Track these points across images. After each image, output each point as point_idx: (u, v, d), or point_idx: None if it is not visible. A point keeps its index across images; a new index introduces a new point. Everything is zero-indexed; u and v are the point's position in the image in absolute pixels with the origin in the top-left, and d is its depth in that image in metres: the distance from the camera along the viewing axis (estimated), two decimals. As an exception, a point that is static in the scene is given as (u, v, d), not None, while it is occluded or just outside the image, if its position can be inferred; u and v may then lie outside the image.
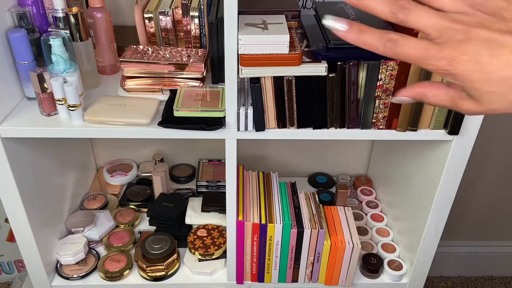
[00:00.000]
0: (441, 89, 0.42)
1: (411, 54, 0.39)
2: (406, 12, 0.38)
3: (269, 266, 1.04)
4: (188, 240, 1.10)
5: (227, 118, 0.83)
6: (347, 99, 0.82)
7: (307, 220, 0.99)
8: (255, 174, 1.12)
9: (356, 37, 0.39)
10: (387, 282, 1.09)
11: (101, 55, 0.98)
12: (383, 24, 0.82)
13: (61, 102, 0.84)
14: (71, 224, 1.11)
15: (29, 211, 0.93)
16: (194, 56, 0.91)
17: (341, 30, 0.40)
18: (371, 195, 1.30)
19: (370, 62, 0.78)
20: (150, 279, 1.06)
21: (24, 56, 0.85)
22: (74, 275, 1.06)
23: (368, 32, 0.39)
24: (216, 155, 1.35)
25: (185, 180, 1.31)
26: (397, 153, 1.14)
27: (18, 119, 0.86)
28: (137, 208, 1.23)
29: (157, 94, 0.92)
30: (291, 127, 0.85)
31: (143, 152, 1.34)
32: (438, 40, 0.38)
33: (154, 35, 0.95)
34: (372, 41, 0.39)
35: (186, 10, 0.91)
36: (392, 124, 0.84)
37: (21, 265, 1.58)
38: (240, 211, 0.98)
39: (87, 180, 1.29)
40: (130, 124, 0.84)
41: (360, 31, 0.39)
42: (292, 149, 1.34)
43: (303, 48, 0.82)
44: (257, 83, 0.79)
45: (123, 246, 1.11)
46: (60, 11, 0.90)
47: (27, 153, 0.93)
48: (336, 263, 1.02)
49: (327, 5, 0.92)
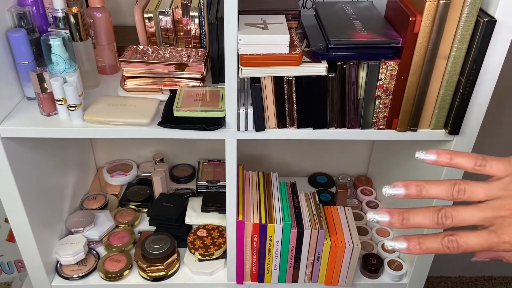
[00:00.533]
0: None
1: (477, 248, 0.42)
2: (449, 217, 0.42)
3: (269, 266, 1.04)
4: (188, 240, 1.10)
5: (227, 118, 0.83)
6: (347, 99, 0.82)
7: (307, 220, 0.99)
8: (255, 174, 1.12)
9: (420, 248, 0.42)
10: (387, 282, 1.09)
11: (101, 55, 0.98)
12: (382, 24, 0.82)
13: (61, 102, 0.84)
14: (71, 224, 1.11)
15: (29, 211, 0.93)
16: (194, 56, 0.91)
17: (402, 248, 0.43)
18: (371, 195, 1.30)
19: (370, 62, 0.78)
20: (150, 279, 1.06)
21: (24, 56, 0.85)
22: (74, 275, 1.06)
23: (428, 238, 0.42)
24: (216, 155, 1.35)
25: (185, 180, 1.31)
26: (397, 153, 1.14)
27: (18, 119, 0.86)
28: (137, 208, 1.23)
29: (157, 94, 0.92)
30: (291, 127, 0.85)
31: (143, 152, 1.34)
32: (492, 228, 0.41)
33: (154, 35, 0.95)
34: (434, 245, 0.42)
35: (186, 10, 0.91)
36: (392, 124, 0.84)
37: (21, 265, 1.58)
38: (240, 211, 0.98)
39: (87, 180, 1.29)
40: (130, 124, 0.84)
41: (420, 242, 0.42)
42: (292, 149, 1.34)
43: (303, 48, 0.82)
44: (257, 83, 0.79)
45: (123, 246, 1.11)
46: (60, 11, 0.90)
47: (27, 153, 0.93)
48: (336, 263, 1.02)
49: (327, 5, 0.92)
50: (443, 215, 0.41)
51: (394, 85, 0.80)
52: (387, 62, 0.78)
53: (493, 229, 0.41)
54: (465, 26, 0.73)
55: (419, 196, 0.43)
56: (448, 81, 0.79)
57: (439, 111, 0.83)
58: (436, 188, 0.42)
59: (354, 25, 0.82)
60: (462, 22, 0.73)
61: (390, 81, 0.80)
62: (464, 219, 0.41)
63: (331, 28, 0.81)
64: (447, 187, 0.42)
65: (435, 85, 0.80)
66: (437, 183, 0.43)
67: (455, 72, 0.78)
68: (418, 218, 0.42)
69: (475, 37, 0.74)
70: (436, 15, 0.72)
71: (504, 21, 0.73)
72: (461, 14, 0.72)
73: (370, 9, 0.89)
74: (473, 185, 0.42)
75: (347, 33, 0.79)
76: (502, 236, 0.40)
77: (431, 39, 0.74)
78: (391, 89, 0.81)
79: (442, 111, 0.83)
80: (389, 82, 0.80)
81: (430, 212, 0.42)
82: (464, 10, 0.72)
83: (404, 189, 0.43)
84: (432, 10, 0.72)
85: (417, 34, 0.74)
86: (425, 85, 0.79)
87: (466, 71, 0.77)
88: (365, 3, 0.92)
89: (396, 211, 0.43)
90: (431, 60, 0.76)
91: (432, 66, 0.77)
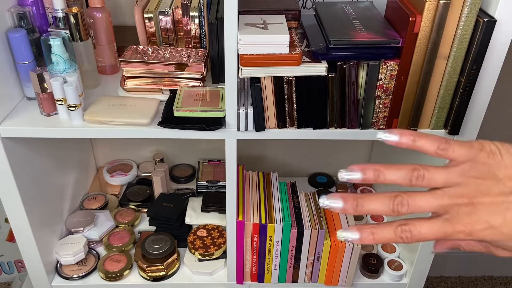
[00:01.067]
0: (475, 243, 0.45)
1: (430, 237, 0.40)
2: (404, 204, 0.40)
3: (269, 266, 1.04)
4: (188, 240, 1.10)
5: (227, 118, 0.83)
6: (347, 99, 0.82)
7: (307, 220, 0.99)
8: (255, 174, 1.12)
9: (373, 238, 0.41)
10: (387, 282, 1.09)
11: (101, 55, 0.98)
12: (382, 24, 0.82)
13: (61, 102, 0.84)
14: (71, 224, 1.11)
15: (29, 211, 0.93)
16: (194, 56, 0.91)
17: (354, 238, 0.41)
18: (371, 195, 1.30)
19: (370, 62, 0.78)
20: (150, 279, 1.06)
21: (24, 56, 0.85)
22: (74, 275, 1.06)
23: (381, 228, 0.41)
24: (216, 155, 1.35)
25: (185, 180, 1.31)
26: (397, 153, 1.14)
27: (18, 119, 0.86)
28: (137, 208, 1.23)
29: (157, 94, 0.92)
30: (291, 127, 0.85)
31: (143, 152, 1.34)
32: (447, 216, 0.39)
33: (154, 35, 0.95)
34: (387, 235, 0.41)
35: (186, 10, 0.91)
36: (392, 124, 0.84)
37: (21, 265, 1.58)
38: (240, 211, 0.98)
39: (87, 180, 1.29)
40: (130, 124, 0.84)
41: (372, 232, 0.41)
42: (292, 149, 1.34)
43: (303, 48, 0.82)
44: (257, 83, 0.79)
45: (123, 246, 1.11)
46: (60, 11, 0.90)
47: (27, 153, 0.93)
48: (336, 263, 1.02)
49: (327, 5, 0.92)
50: (399, 202, 0.40)
51: (394, 85, 0.80)
52: (387, 62, 0.78)
53: (448, 217, 0.39)
54: (465, 26, 0.73)
55: (376, 181, 0.41)
56: (448, 81, 0.79)
57: (439, 111, 0.83)
58: (395, 173, 0.40)
59: (354, 25, 0.82)
60: (462, 22, 0.73)
61: (390, 81, 0.80)
62: (420, 207, 0.40)
63: (331, 28, 0.81)
64: (406, 173, 0.40)
65: (435, 85, 0.80)
66: (396, 167, 0.41)
67: (455, 72, 0.78)
68: (373, 204, 0.40)
69: (475, 37, 0.74)
70: (436, 15, 0.72)
71: (504, 21, 0.73)
72: (461, 14, 0.73)
73: (370, 9, 0.89)
74: (432, 170, 0.40)
75: (347, 33, 0.79)
76: (456, 225, 0.39)
77: (431, 39, 0.74)
78: (391, 89, 0.81)
79: (442, 111, 0.83)
80: (389, 82, 0.80)
81: (385, 198, 0.40)
82: (464, 10, 0.72)
83: (361, 173, 0.41)
84: (432, 10, 0.72)
85: (417, 34, 0.74)
86: (425, 85, 0.79)
87: (466, 71, 0.77)
88: (365, 3, 0.92)
89: (351, 196, 0.41)
90: (431, 60, 0.76)
91: (432, 66, 0.77)
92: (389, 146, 0.42)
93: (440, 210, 0.40)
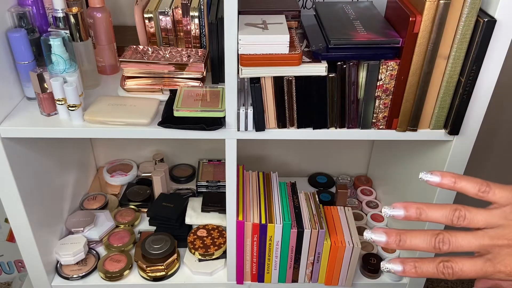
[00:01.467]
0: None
1: (471, 275, 0.41)
2: (446, 243, 0.41)
3: (269, 266, 1.04)
4: (188, 240, 1.10)
5: (227, 118, 0.83)
6: (347, 99, 0.82)
7: (307, 220, 0.99)
8: (255, 174, 1.12)
9: (415, 272, 0.42)
10: (387, 282, 1.09)
11: (101, 55, 0.98)
12: (382, 24, 0.83)
13: (61, 102, 0.84)
14: (71, 224, 1.11)
15: (29, 211, 0.93)
16: (194, 56, 0.91)
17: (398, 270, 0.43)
18: (371, 195, 1.30)
19: (370, 62, 0.78)
20: (150, 279, 1.06)
21: (24, 56, 0.85)
22: (74, 275, 1.06)
23: (424, 263, 0.42)
24: (216, 155, 1.35)
25: (185, 180, 1.31)
26: (397, 153, 1.14)
27: (18, 119, 0.86)
28: (137, 208, 1.23)
29: (157, 94, 0.92)
30: (291, 127, 0.85)
31: (143, 152, 1.34)
32: (489, 256, 0.41)
33: (154, 35, 0.95)
34: (429, 270, 0.42)
35: (186, 10, 0.91)
36: (392, 124, 0.84)
37: (21, 265, 1.58)
38: (240, 211, 0.98)
39: (87, 180, 1.29)
40: (130, 124, 0.84)
41: (415, 266, 0.42)
42: (292, 149, 1.34)
43: (303, 48, 0.82)
44: (257, 83, 0.79)
45: (123, 246, 1.11)
46: (60, 11, 0.90)
47: (27, 153, 0.93)
48: (336, 263, 1.02)
49: (327, 5, 0.92)
50: (441, 240, 0.41)
51: (394, 85, 0.80)
52: (387, 62, 0.78)
53: (490, 257, 0.41)
54: (465, 26, 0.73)
55: (418, 219, 0.43)
56: (448, 81, 0.79)
57: (439, 111, 0.83)
58: (436, 212, 0.42)
59: (354, 25, 0.82)
60: (462, 22, 0.73)
61: (390, 81, 0.80)
62: (461, 246, 0.41)
63: (331, 28, 0.81)
64: (448, 213, 0.42)
65: (435, 85, 0.80)
66: (438, 207, 0.43)
67: (455, 72, 0.78)
68: (415, 240, 0.42)
69: (475, 37, 0.74)
70: (436, 15, 0.72)
71: (504, 21, 0.73)
72: (461, 14, 0.73)
73: (370, 9, 0.89)
74: (474, 212, 0.42)
75: (347, 33, 0.79)
76: (497, 265, 0.40)
77: (431, 39, 0.74)
78: (391, 89, 0.81)
79: (442, 111, 0.83)
80: (389, 82, 0.80)
81: (427, 236, 0.42)
82: (464, 10, 0.72)
83: (404, 210, 0.43)
84: (432, 10, 0.72)
85: (417, 34, 0.74)
86: (425, 85, 0.79)
87: (466, 71, 0.77)
88: (365, 3, 0.92)
89: (394, 232, 0.43)
90: (431, 60, 0.76)
91: (432, 66, 0.77)
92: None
93: (481, 250, 0.41)
